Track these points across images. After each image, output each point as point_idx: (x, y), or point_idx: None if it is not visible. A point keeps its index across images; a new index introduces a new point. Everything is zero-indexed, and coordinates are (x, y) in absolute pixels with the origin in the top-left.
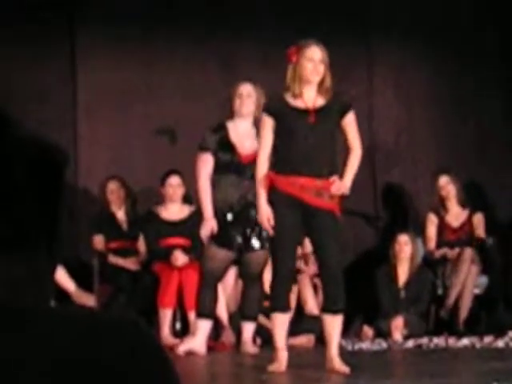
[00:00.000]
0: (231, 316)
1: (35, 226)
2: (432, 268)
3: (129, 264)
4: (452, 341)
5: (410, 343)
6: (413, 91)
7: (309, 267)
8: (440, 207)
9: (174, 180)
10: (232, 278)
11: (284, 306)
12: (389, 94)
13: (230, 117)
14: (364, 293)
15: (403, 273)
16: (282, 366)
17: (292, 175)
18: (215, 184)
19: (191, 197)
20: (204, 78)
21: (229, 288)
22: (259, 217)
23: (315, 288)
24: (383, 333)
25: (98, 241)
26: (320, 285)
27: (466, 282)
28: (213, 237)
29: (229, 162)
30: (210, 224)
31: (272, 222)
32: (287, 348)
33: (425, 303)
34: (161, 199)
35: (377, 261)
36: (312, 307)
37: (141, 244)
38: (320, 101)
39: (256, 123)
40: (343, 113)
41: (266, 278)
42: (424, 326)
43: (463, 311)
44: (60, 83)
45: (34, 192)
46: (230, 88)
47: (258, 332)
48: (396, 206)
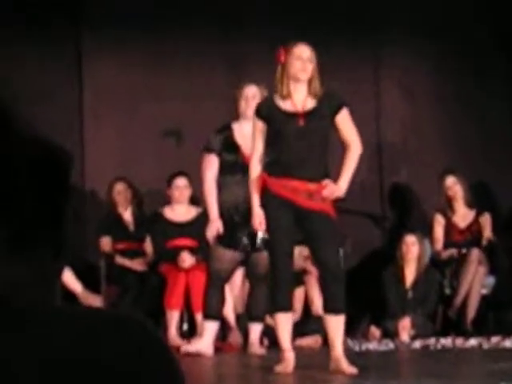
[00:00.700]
0: (238, 317)
1: (41, 228)
2: (439, 268)
3: (136, 265)
4: (459, 341)
5: (418, 344)
6: (419, 92)
7: (315, 268)
8: (447, 208)
9: (181, 181)
10: (239, 279)
11: (285, 306)
12: (395, 95)
13: (236, 118)
14: (371, 293)
15: (410, 273)
16: (289, 367)
17: (284, 178)
18: (221, 185)
19: (198, 198)
20: (210, 80)
21: (236, 289)
22: (252, 220)
23: None
24: (390, 333)
25: (105, 242)
26: None
27: (474, 283)
28: (219, 238)
29: (234, 163)
30: (216, 225)
31: (263, 226)
32: (294, 349)
33: (432, 304)
34: (167, 201)
35: (384, 261)
36: (319, 308)
37: (148, 245)
38: (310, 103)
39: None
40: (335, 112)
41: None
42: (431, 327)
43: (470, 312)
44: (66, 85)
45: (40, 193)
46: (236, 90)
47: (265, 333)
48: (403, 207)
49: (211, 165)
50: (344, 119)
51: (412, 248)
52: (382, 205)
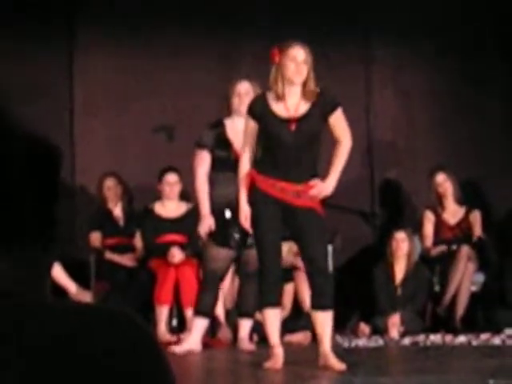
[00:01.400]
0: (228, 313)
1: (31, 222)
2: (429, 265)
3: (125, 260)
4: (448, 338)
5: (407, 340)
6: (411, 89)
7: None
8: (437, 205)
9: (171, 177)
10: (229, 275)
11: (273, 302)
12: (387, 93)
13: (228, 114)
14: (361, 290)
15: (400, 270)
16: (278, 363)
17: (272, 178)
18: (212, 181)
19: (188, 194)
20: (202, 76)
21: (225, 285)
22: (239, 216)
23: None
24: (380, 330)
25: (95, 237)
26: None
27: (463, 280)
28: (211, 235)
29: (225, 159)
30: (208, 221)
31: (248, 222)
32: (283, 345)
33: (421, 300)
34: (158, 196)
35: (374, 258)
36: (309, 304)
37: (137, 241)
38: (303, 106)
39: None
40: (328, 113)
41: None
42: (421, 323)
43: (460, 308)
44: (57, 81)
45: (30, 188)
46: (228, 86)
47: (255, 329)
48: (393, 204)
49: (203, 161)
50: (337, 119)
51: (402, 245)
52: (373, 201)
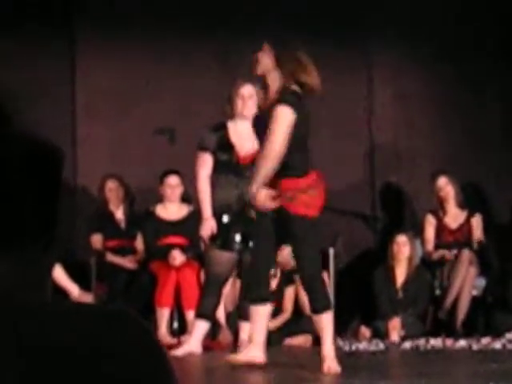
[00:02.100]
0: (228, 315)
1: (32, 224)
2: (430, 269)
3: (126, 263)
4: (449, 342)
5: (407, 344)
6: (411, 93)
7: None
8: (438, 208)
9: (173, 180)
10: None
11: (262, 298)
12: (387, 96)
13: (231, 117)
14: (362, 293)
15: (401, 274)
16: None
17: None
18: (214, 184)
19: (190, 196)
20: (203, 78)
21: (226, 288)
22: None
23: None
24: (380, 333)
25: (96, 240)
26: None
27: (464, 284)
28: (213, 238)
29: (227, 162)
30: (210, 224)
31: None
32: (284, 348)
33: (422, 304)
34: (159, 198)
35: (375, 261)
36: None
37: (139, 243)
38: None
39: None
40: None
41: None
42: (421, 327)
43: (461, 313)
44: (59, 83)
45: (32, 190)
46: (231, 88)
47: None
48: (394, 207)
49: (205, 163)
50: (273, 117)
51: (403, 248)
52: (374, 205)
